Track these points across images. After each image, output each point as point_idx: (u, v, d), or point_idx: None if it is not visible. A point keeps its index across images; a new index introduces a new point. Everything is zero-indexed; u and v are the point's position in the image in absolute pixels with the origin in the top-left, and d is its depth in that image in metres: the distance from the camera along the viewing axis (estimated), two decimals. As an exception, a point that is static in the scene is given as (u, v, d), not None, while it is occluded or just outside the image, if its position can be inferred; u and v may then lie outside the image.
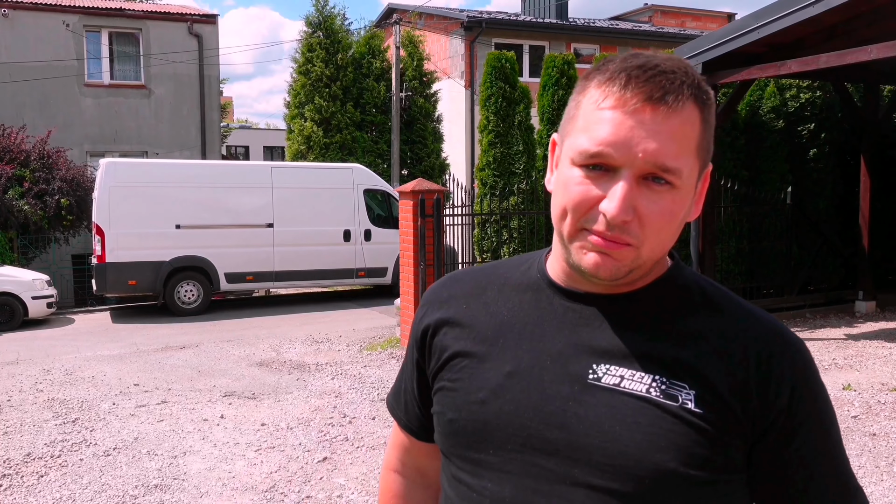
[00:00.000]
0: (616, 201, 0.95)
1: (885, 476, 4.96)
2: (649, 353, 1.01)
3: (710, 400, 0.99)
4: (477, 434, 1.06)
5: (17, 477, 5.30)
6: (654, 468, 0.96)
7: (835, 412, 1.07)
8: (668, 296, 1.06)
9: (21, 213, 15.52)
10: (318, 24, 18.99)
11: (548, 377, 1.04)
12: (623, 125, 0.95)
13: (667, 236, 1.00)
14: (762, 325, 1.04)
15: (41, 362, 9.22)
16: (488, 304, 1.14)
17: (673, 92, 0.95)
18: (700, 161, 1.01)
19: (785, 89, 11.83)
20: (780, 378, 1.00)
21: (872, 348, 9.01)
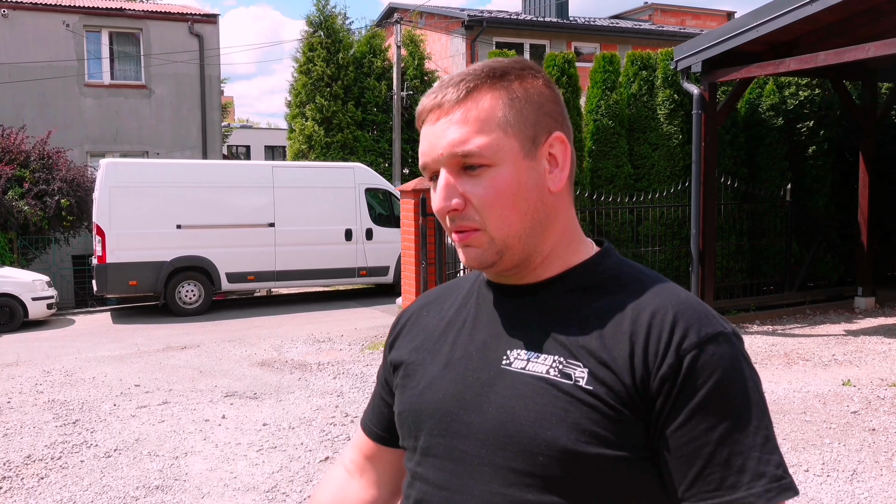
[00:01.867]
0: (437, 197, 1.07)
1: (885, 471, 4.97)
2: (554, 336, 1.06)
3: (603, 376, 1.00)
4: (414, 423, 1.14)
5: (18, 479, 5.30)
6: (546, 444, 1.00)
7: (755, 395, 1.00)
8: (580, 283, 1.10)
9: (21, 213, 15.52)
10: (319, 23, 18.99)
11: (472, 366, 1.10)
12: (426, 136, 1.08)
13: (509, 211, 1.05)
14: (665, 301, 1.04)
15: (41, 363, 9.23)
16: (443, 309, 1.22)
17: (450, 92, 1.06)
18: (516, 135, 1.05)
19: (784, 87, 11.84)
20: (666, 348, 0.99)
21: (872, 344, 9.02)
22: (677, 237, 11.12)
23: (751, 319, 10.82)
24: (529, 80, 1.08)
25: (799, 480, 4.83)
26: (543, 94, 1.09)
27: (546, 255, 1.11)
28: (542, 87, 1.09)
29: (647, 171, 11.19)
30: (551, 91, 1.11)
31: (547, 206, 1.08)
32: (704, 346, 0.99)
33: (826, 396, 6.69)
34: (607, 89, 11.00)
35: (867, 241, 11.51)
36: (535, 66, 1.12)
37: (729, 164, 11.33)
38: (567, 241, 1.12)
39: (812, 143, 11.81)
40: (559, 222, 1.11)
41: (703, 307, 1.05)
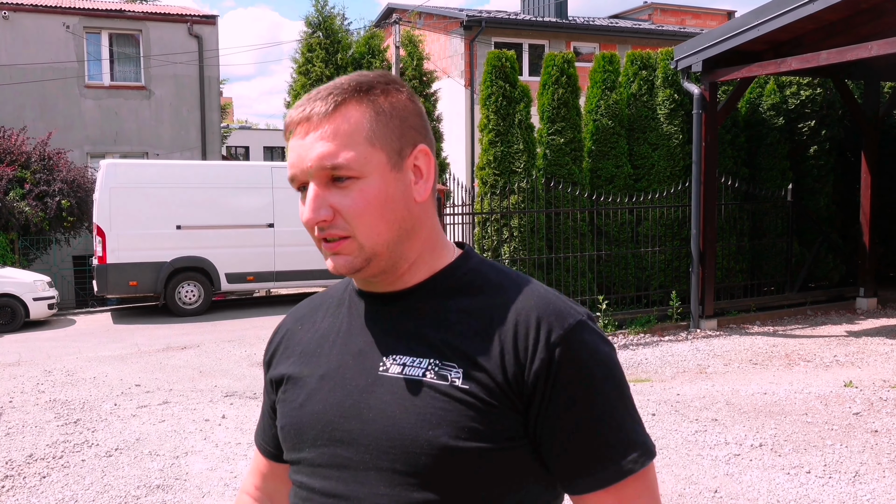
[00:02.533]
0: (307, 207, 1.10)
1: (888, 473, 4.95)
2: (426, 339, 1.10)
3: (477, 375, 1.06)
4: (296, 436, 1.17)
5: (20, 478, 5.30)
6: (427, 445, 1.04)
7: (617, 380, 1.09)
8: (447, 285, 1.15)
9: (22, 214, 15.52)
10: (317, 24, 18.96)
11: (349, 375, 1.14)
12: (294, 148, 1.11)
13: (377, 222, 1.09)
14: (526, 299, 1.11)
15: (42, 363, 9.22)
16: (316, 322, 1.25)
17: (318, 106, 1.09)
18: (383, 148, 1.09)
19: (785, 86, 11.84)
20: (535, 345, 1.06)
21: (874, 345, 9.01)
22: (677, 237, 11.11)
23: (751, 320, 10.81)
24: (394, 95, 1.13)
25: (801, 482, 4.82)
26: (408, 107, 1.14)
27: (412, 262, 1.15)
28: (406, 101, 1.14)
29: (647, 171, 11.19)
30: (415, 105, 1.15)
31: (413, 215, 1.13)
32: (569, 337, 1.06)
33: (828, 398, 6.67)
34: (607, 89, 11.00)
35: (869, 242, 11.50)
36: (399, 80, 1.16)
37: (729, 164, 11.32)
38: (431, 248, 1.17)
39: (813, 142, 11.80)
40: (424, 230, 1.15)
41: (560, 299, 1.12)
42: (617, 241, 10.97)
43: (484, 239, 10.63)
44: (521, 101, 10.42)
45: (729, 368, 8.20)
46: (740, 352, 8.96)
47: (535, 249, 10.27)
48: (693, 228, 10.36)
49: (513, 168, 10.30)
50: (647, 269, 11.03)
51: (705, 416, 6.21)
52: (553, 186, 10.34)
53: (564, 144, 10.58)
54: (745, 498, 4.61)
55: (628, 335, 9.99)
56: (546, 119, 10.70)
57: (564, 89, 10.63)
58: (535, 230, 10.29)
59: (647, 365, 8.55)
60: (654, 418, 6.20)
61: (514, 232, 10.27)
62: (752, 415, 6.23)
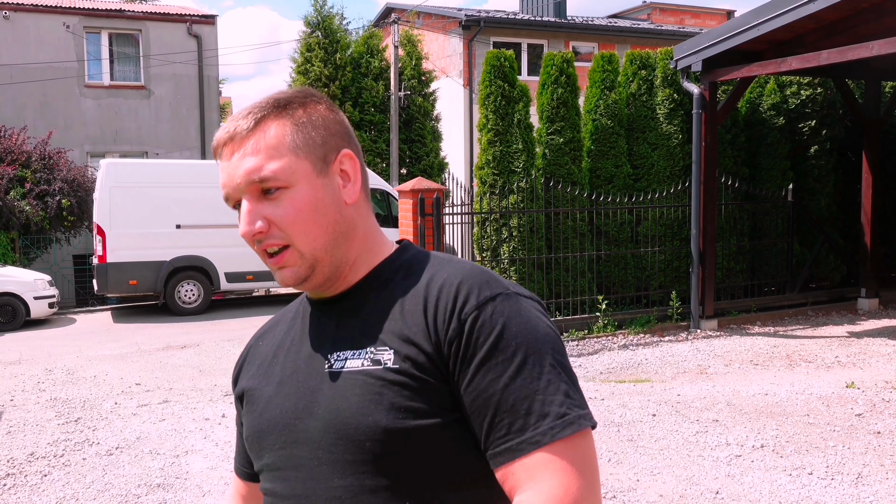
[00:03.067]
0: (241, 221, 1.14)
1: (891, 474, 4.94)
2: (364, 330, 1.14)
3: (407, 353, 1.08)
4: (258, 443, 1.20)
5: (21, 476, 5.31)
6: (368, 430, 1.06)
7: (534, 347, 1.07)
8: (381, 279, 1.18)
9: (22, 213, 15.52)
10: (316, 24, 18.96)
11: (302, 377, 1.17)
12: (224, 168, 1.15)
13: (311, 227, 1.13)
14: (448, 273, 1.13)
15: (43, 362, 9.22)
16: (275, 335, 1.29)
17: (241, 123, 1.14)
18: (307, 156, 1.14)
19: (785, 86, 11.83)
20: (451, 313, 1.08)
21: (876, 346, 9.01)
22: (677, 237, 11.11)
23: (752, 321, 10.81)
24: (312, 106, 1.18)
25: (803, 483, 4.81)
26: (327, 117, 1.19)
27: (353, 263, 1.19)
28: (324, 112, 1.19)
29: (647, 171, 11.18)
30: (334, 114, 1.20)
31: (346, 217, 1.17)
32: (483, 307, 1.07)
33: (829, 399, 6.67)
34: (606, 89, 10.99)
35: (870, 242, 11.50)
36: (317, 93, 1.21)
37: (729, 164, 11.32)
38: (369, 247, 1.21)
39: (814, 142, 11.80)
40: (360, 231, 1.19)
41: (488, 274, 1.13)
42: (616, 240, 10.96)
43: (483, 239, 10.62)
44: (520, 101, 10.41)
45: (730, 369, 8.19)
46: (741, 352, 8.95)
47: (535, 249, 10.26)
48: (693, 228, 10.36)
49: (512, 168, 10.29)
50: (646, 269, 11.02)
51: (706, 417, 6.21)
52: (552, 186, 10.33)
53: (564, 144, 10.57)
54: (746, 499, 4.60)
55: (628, 335, 9.99)
56: (545, 119, 10.69)
57: (563, 89, 10.62)
58: (535, 230, 10.28)
59: (647, 365, 8.55)
60: (655, 419, 6.19)
61: (513, 232, 10.26)
62: (753, 416, 6.23)
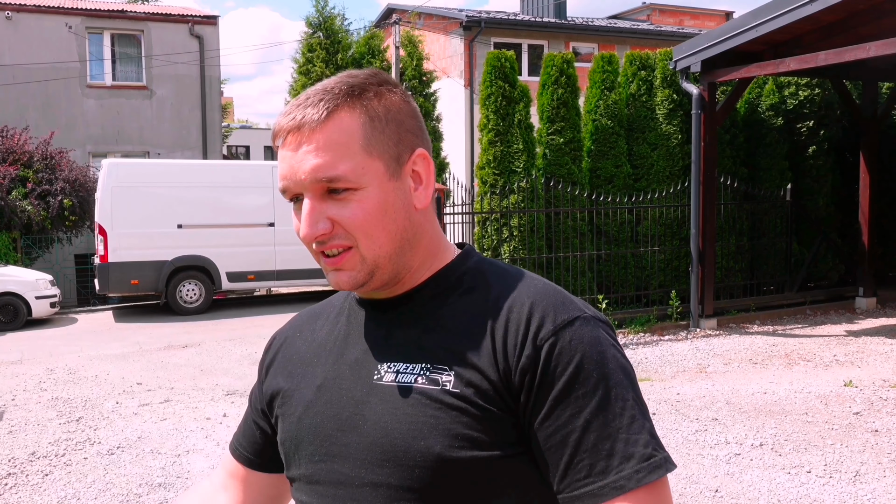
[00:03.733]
0: (303, 223, 1.05)
1: (888, 472, 4.97)
2: (421, 344, 1.05)
3: (469, 377, 1.00)
4: (295, 451, 1.12)
5: (23, 475, 5.33)
6: (420, 455, 0.99)
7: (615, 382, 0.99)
8: (442, 287, 1.09)
9: (24, 213, 15.56)
10: (318, 24, 18.98)
11: (346, 385, 1.08)
12: (286, 158, 1.04)
13: (378, 233, 1.04)
14: (522, 292, 1.05)
15: (45, 362, 9.25)
16: (315, 331, 1.20)
17: (309, 113, 1.03)
18: (380, 156, 1.04)
19: (784, 87, 11.86)
20: (524, 340, 0.99)
21: (873, 345, 9.04)
22: (677, 237, 11.14)
23: (751, 320, 10.84)
24: (387, 96, 1.07)
25: (801, 482, 4.84)
26: (403, 109, 1.08)
27: (414, 270, 1.10)
28: (400, 103, 1.08)
29: (647, 171, 11.21)
30: (409, 105, 1.09)
31: (414, 223, 1.07)
32: (561, 333, 0.99)
33: (828, 397, 6.70)
34: (606, 89, 11.02)
35: (868, 241, 11.52)
36: (392, 79, 1.10)
37: (728, 164, 11.35)
38: (433, 254, 1.11)
39: (812, 142, 11.83)
40: (426, 237, 1.10)
41: (561, 294, 1.05)
42: (616, 240, 11.00)
43: (484, 238, 10.66)
44: (521, 101, 10.45)
45: (729, 368, 8.22)
46: (740, 351, 8.98)
47: (535, 249, 10.29)
48: (692, 228, 10.39)
49: (512, 168, 10.32)
50: (646, 269, 11.05)
51: (705, 416, 6.24)
52: (553, 186, 10.37)
53: (564, 144, 10.60)
54: (745, 497, 4.63)
55: (628, 334, 10.02)
56: (545, 119, 10.72)
57: (564, 89, 10.65)
58: (535, 230, 10.31)
59: (646, 364, 8.58)
60: (655, 418, 6.22)
61: (513, 231, 10.29)
62: (752, 414, 6.26)
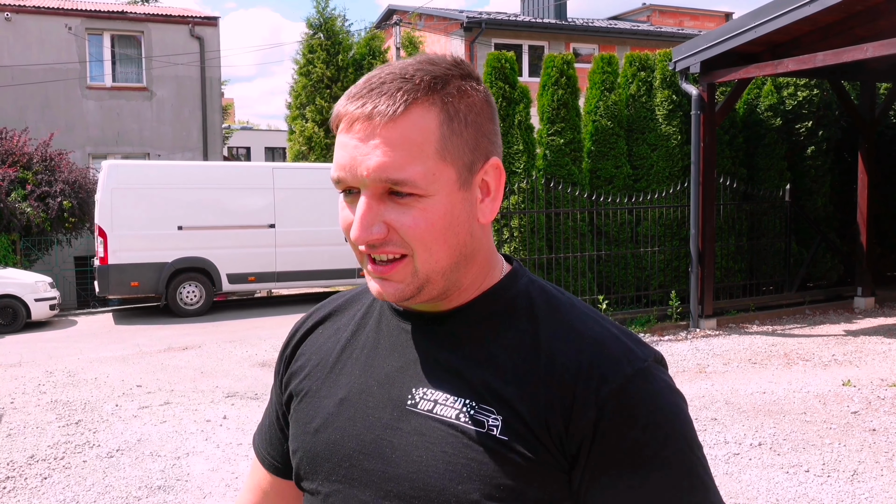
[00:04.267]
0: (356, 224, 0.93)
1: (886, 471, 4.99)
2: (463, 374, 0.96)
3: (517, 426, 0.91)
4: (310, 465, 1.04)
5: (21, 479, 5.33)
6: (455, 499, 0.91)
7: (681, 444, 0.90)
8: (491, 310, 1.00)
9: (24, 215, 15.55)
10: (318, 25, 19.04)
11: (372, 403, 1.00)
12: (347, 147, 0.93)
13: (438, 246, 0.93)
14: (579, 337, 0.95)
15: (44, 364, 9.25)
16: (339, 328, 1.11)
17: (383, 103, 0.91)
18: (453, 162, 0.93)
19: (782, 87, 11.88)
20: (583, 399, 0.90)
21: (872, 344, 9.05)
22: (676, 237, 11.15)
23: (750, 320, 10.85)
24: (470, 94, 0.96)
25: (800, 481, 4.86)
26: (484, 112, 0.97)
27: (465, 287, 1.00)
28: (482, 104, 0.97)
29: (646, 171, 11.22)
30: (490, 108, 0.98)
31: (475, 239, 0.97)
32: (623, 391, 0.90)
33: (826, 397, 6.71)
34: (606, 90, 11.03)
35: (866, 241, 11.54)
36: (475, 72, 0.99)
37: (728, 165, 11.36)
38: (486, 271, 1.01)
39: (811, 143, 11.84)
40: (482, 253, 1.00)
41: (617, 342, 0.95)
42: (616, 241, 11.01)
43: (484, 239, 10.67)
44: (521, 102, 10.46)
45: (728, 368, 8.23)
46: (739, 351, 8.99)
47: (536, 249, 10.30)
48: (692, 228, 10.40)
49: (513, 168, 10.33)
50: (646, 269, 11.07)
51: (705, 416, 6.25)
52: (553, 187, 10.38)
53: (564, 145, 10.61)
54: (744, 496, 4.64)
55: (628, 335, 10.02)
56: (546, 120, 10.74)
57: (564, 90, 10.67)
58: (535, 230, 10.32)
59: (646, 365, 8.58)
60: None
61: (514, 232, 10.30)
62: (751, 414, 6.27)
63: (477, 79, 0.98)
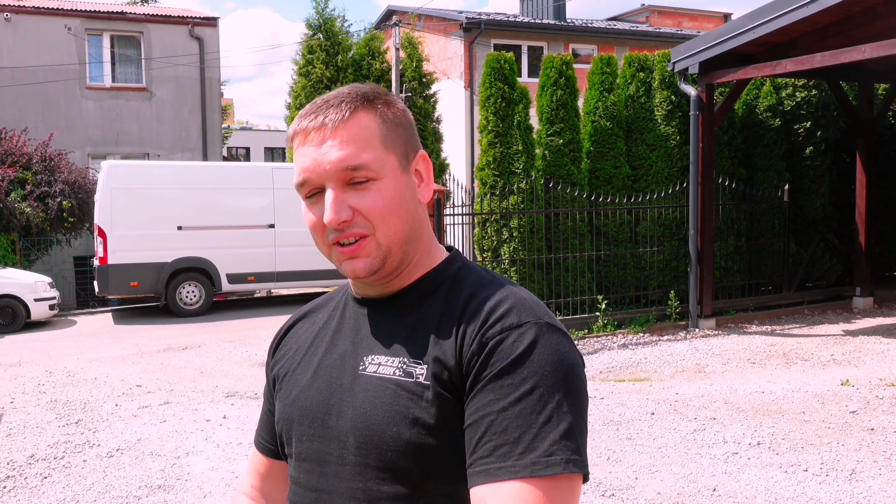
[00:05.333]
0: (328, 209, 1.13)
1: (884, 470, 5.00)
2: (402, 339, 1.16)
3: (438, 371, 1.09)
4: (287, 430, 1.24)
5: (21, 478, 5.34)
6: (392, 440, 1.09)
7: (554, 378, 1.04)
8: (430, 286, 1.20)
9: (23, 215, 15.56)
10: (318, 26, 19.01)
11: (335, 373, 1.20)
12: (307, 153, 1.15)
13: (395, 220, 1.15)
14: (482, 295, 1.14)
15: (44, 364, 9.26)
16: (315, 322, 1.33)
17: (332, 113, 1.15)
18: (394, 151, 1.17)
19: (781, 88, 11.89)
20: (477, 333, 1.09)
21: (870, 344, 9.07)
22: (676, 238, 11.17)
23: (749, 320, 10.87)
24: (394, 105, 1.20)
25: (798, 480, 4.87)
26: (407, 117, 1.22)
27: (414, 263, 1.20)
28: (403, 112, 1.22)
29: (646, 171, 11.24)
30: (409, 116, 1.23)
31: (420, 216, 1.20)
32: (508, 332, 1.07)
33: (825, 396, 6.73)
34: (605, 91, 11.05)
35: (865, 241, 11.56)
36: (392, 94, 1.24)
37: (727, 165, 11.38)
38: (428, 249, 1.23)
39: (809, 143, 11.86)
40: (425, 232, 1.22)
41: (522, 301, 1.13)
42: (616, 241, 11.02)
43: (483, 239, 10.68)
44: (520, 103, 10.48)
45: (727, 367, 8.25)
46: (738, 351, 9.01)
47: (535, 250, 10.32)
48: (691, 229, 10.42)
49: (512, 169, 10.34)
50: (645, 269, 11.08)
51: (704, 415, 6.26)
52: (552, 187, 10.39)
53: (563, 145, 10.63)
54: (743, 496, 4.66)
55: (627, 335, 10.04)
56: (545, 120, 10.75)
57: (563, 91, 10.68)
58: (535, 230, 10.34)
59: (646, 364, 8.60)
60: (653, 417, 6.25)
61: (513, 232, 10.31)
62: (750, 413, 6.28)
63: (394, 96, 1.23)
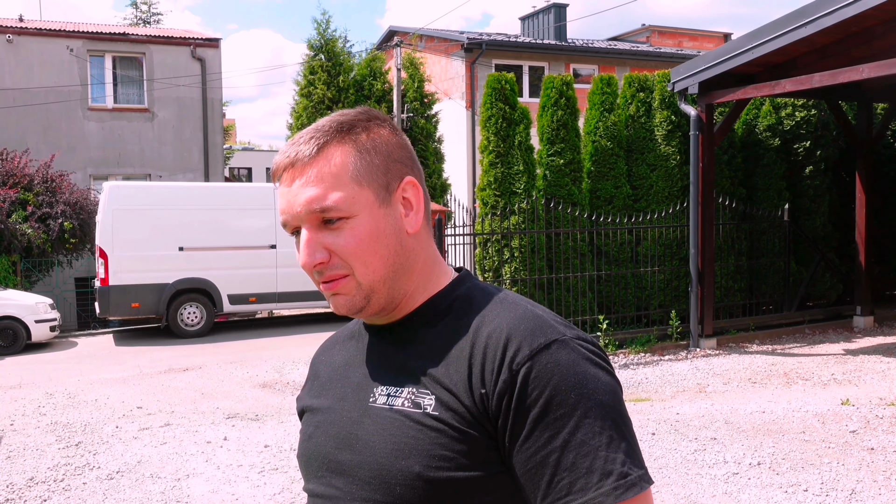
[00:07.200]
0: (301, 252, 1.13)
1: (884, 490, 4.99)
2: (409, 368, 1.12)
3: (448, 400, 1.05)
4: (305, 467, 1.22)
5: (21, 501, 5.32)
6: (400, 474, 1.05)
7: (596, 402, 1.01)
8: (434, 313, 1.16)
9: (24, 236, 15.59)
10: (319, 47, 19.14)
11: (347, 407, 1.17)
12: (284, 194, 1.13)
13: (372, 258, 1.11)
14: (502, 318, 1.09)
15: (44, 386, 9.25)
16: (334, 355, 1.29)
17: (302, 149, 1.12)
18: (369, 185, 1.12)
19: (780, 108, 11.95)
20: (500, 365, 1.03)
21: (870, 363, 9.06)
22: (676, 257, 11.18)
23: (750, 339, 10.85)
24: (376, 130, 1.15)
25: (798, 500, 4.85)
26: (391, 141, 1.15)
27: (411, 294, 1.16)
28: (388, 136, 1.16)
29: (646, 191, 11.27)
30: (398, 138, 1.17)
31: (407, 248, 1.14)
32: (537, 357, 1.02)
33: (825, 416, 6.71)
34: (605, 111, 11.11)
35: (865, 260, 11.56)
36: (381, 115, 1.18)
37: (727, 185, 11.41)
38: (428, 277, 1.18)
39: (809, 163, 11.90)
40: (420, 261, 1.16)
41: (539, 319, 1.08)
42: (617, 260, 11.04)
43: (485, 259, 10.70)
44: (521, 123, 10.53)
45: (728, 387, 8.23)
46: (739, 370, 8.99)
47: (536, 270, 10.33)
48: (691, 248, 10.43)
49: (513, 189, 10.38)
50: (646, 289, 11.09)
51: (704, 435, 6.25)
52: (553, 207, 10.42)
53: (564, 165, 10.67)
54: (742, 517, 4.64)
55: (629, 354, 10.03)
56: (545, 140, 10.80)
57: (563, 111, 10.74)
58: (536, 250, 10.35)
59: (647, 384, 8.59)
60: (654, 437, 6.23)
61: (514, 252, 10.33)
62: (750, 433, 6.27)
63: (382, 118, 1.18)
